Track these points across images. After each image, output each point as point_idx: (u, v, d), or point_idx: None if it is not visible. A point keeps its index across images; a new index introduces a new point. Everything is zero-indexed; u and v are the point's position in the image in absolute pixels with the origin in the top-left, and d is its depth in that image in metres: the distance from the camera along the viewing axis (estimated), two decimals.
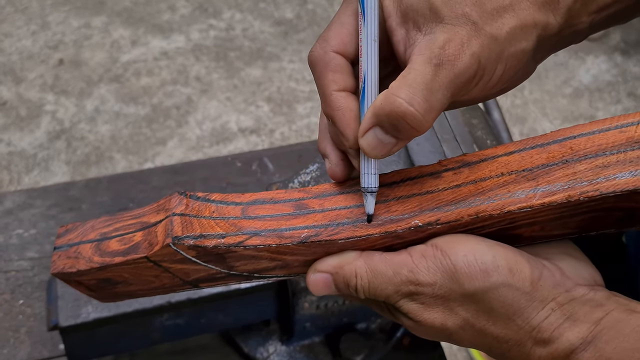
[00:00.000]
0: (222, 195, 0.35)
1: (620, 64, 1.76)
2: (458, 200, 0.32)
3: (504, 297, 0.30)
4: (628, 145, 0.31)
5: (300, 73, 1.74)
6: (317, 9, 1.90)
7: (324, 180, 0.53)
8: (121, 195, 0.71)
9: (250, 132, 1.62)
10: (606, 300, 0.30)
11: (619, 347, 0.28)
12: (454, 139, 0.50)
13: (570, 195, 0.30)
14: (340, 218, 0.34)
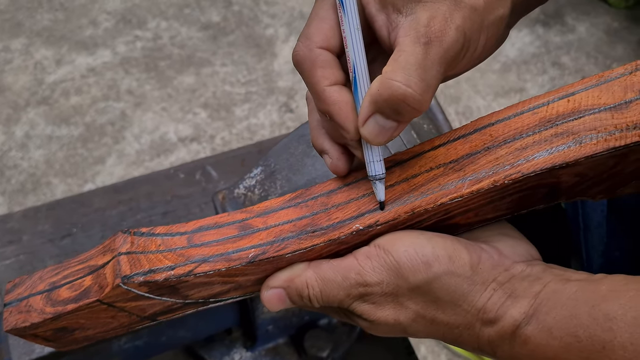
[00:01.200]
0: (166, 228, 0.35)
1: (542, 35, 1.82)
2: (393, 200, 0.33)
3: (448, 285, 0.31)
4: (541, 125, 0.32)
5: (234, 76, 1.73)
6: (243, 10, 1.89)
7: (268, 183, 0.53)
8: (63, 222, 0.69)
9: (190, 141, 1.60)
10: (542, 273, 0.31)
11: (558, 315, 0.29)
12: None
13: (496, 180, 0.32)
14: (285, 233, 0.34)
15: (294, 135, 0.54)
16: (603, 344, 0.27)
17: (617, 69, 0.33)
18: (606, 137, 0.31)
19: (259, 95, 1.69)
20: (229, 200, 0.54)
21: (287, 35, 1.83)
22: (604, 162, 0.32)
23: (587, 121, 0.32)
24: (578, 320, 0.28)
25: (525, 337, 0.30)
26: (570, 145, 0.31)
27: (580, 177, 0.33)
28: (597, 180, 0.34)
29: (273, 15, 1.88)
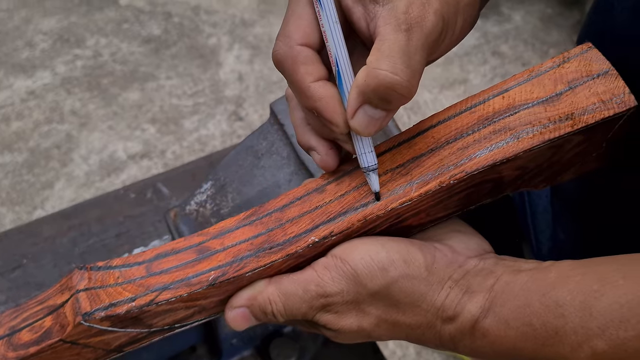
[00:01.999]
0: (123, 259, 0.35)
1: (481, 26, 1.86)
2: (345, 209, 0.33)
3: (405, 287, 0.31)
4: (480, 123, 0.33)
5: (180, 88, 1.71)
6: (183, 21, 1.87)
7: (219, 197, 0.53)
8: (12, 253, 0.67)
9: (140, 157, 1.58)
10: (495, 266, 0.32)
11: (513, 306, 0.30)
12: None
13: (442, 181, 0.32)
14: (242, 252, 0.34)
15: (242, 147, 0.54)
16: (556, 329, 0.28)
17: (546, 63, 0.34)
18: (541, 130, 0.32)
19: (207, 106, 1.68)
20: (181, 217, 0.54)
21: (230, 44, 1.82)
22: (542, 154, 0.33)
23: (523, 116, 0.33)
24: (531, 309, 0.29)
25: (484, 330, 0.30)
26: (508, 141, 0.32)
27: (522, 169, 0.34)
28: (538, 171, 0.35)
29: (214, 24, 1.86)
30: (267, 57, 1.78)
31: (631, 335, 0.25)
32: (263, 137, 0.53)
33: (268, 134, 0.53)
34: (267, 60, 1.78)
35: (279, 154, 0.52)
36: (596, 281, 0.28)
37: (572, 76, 0.33)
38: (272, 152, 0.52)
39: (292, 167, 0.51)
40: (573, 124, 0.32)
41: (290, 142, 0.51)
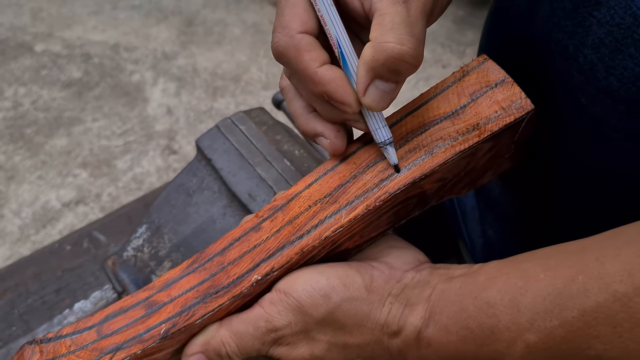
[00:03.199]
0: (72, 327, 0.35)
1: None
2: (282, 244, 0.35)
3: (348, 310, 0.33)
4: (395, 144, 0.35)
5: (108, 129, 1.68)
6: (104, 61, 1.84)
7: (156, 240, 0.52)
8: None
9: (75, 204, 1.54)
10: (430, 276, 0.33)
11: (450, 312, 0.31)
12: (265, 160, 0.52)
13: (368, 204, 0.34)
14: (190, 300, 0.34)
15: (172, 186, 0.54)
16: (491, 329, 0.29)
17: (448, 78, 0.36)
18: (452, 143, 0.34)
19: (138, 144, 1.65)
20: (120, 265, 0.53)
21: (154, 78, 1.80)
22: (457, 164, 0.35)
23: (433, 132, 0.34)
24: (467, 313, 0.30)
25: (428, 340, 0.32)
26: (424, 158, 0.34)
27: (442, 181, 0.36)
28: (457, 180, 0.37)
29: (136, 60, 1.85)
30: (193, 88, 1.78)
31: (556, 324, 0.27)
32: (192, 174, 0.53)
33: (197, 170, 0.53)
34: (193, 90, 1.77)
35: (210, 189, 0.52)
36: (520, 278, 0.29)
37: (473, 88, 0.35)
38: (203, 188, 0.53)
39: (225, 200, 0.51)
40: (480, 134, 0.33)
41: (220, 176, 0.52)
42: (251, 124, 0.54)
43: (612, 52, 0.28)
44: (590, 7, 0.29)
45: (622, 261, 0.26)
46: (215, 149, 0.53)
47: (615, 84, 0.29)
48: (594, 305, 0.26)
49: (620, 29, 0.28)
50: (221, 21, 1.95)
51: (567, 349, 0.27)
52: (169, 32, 1.92)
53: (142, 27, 1.93)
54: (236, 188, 0.51)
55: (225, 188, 0.51)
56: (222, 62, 1.84)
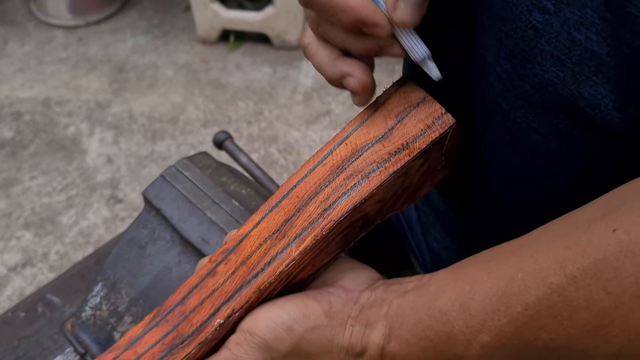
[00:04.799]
0: None
1: None
2: (239, 285, 0.35)
3: (312, 339, 0.34)
4: (333, 173, 0.36)
5: (48, 185, 1.64)
6: (36, 117, 1.81)
7: (114, 296, 0.52)
8: None
9: (22, 267, 1.49)
10: (384, 293, 0.35)
11: (408, 325, 0.32)
12: (213, 202, 0.53)
13: (315, 234, 0.35)
14: (157, 355, 0.35)
15: (124, 241, 0.54)
16: (447, 335, 0.31)
17: (370, 105, 0.38)
18: (385, 165, 0.35)
19: (81, 197, 1.63)
20: (79, 326, 0.53)
21: (90, 129, 1.78)
22: (394, 184, 0.36)
23: (367, 157, 0.36)
24: (423, 324, 0.32)
25: (391, 355, 0.33)
26: (361, 183, 0.35)
27: (382, 202, 0.37)
28: (396, 197, 0.38)
29: (69, 113, 1.82)
30: (131, 134, 1.77)
31: (504, 322, 0.29)
32: (143, 226, 0.54)
33: (147, 222, 0.54)
34: (132, 136, 1.76)
35: (162, 238, 0.53)
36: (467, 283, 0.31)
37: (397, 110, 0.37)
38: (155, 239, 0.53)
39: (178, 248, 0.52)
40: (410, 152, 0.35)
41: (171, 225, 0.52)
42: (196, 170, 0.55)
43: (522, 61, 0.31)
44: (500, 22, 0.31)
45: (553, 255, 0.28)
46: (162, 198, 0.53)
47: (530, 90, 0.31)
48: (535, 299, 0.27)
49: (524, 40, 0.30)
50: (152, 65, 1.95)
51: (518, 343, 0.29)
52: (99, 81, 1.91)
53: (72, 79, 1.91)
54: (188, 234, 0.51)
55: (177, 236, 0.52)
56: (157, 105, 1.84)
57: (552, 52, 0.30)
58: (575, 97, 0.30)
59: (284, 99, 1.85)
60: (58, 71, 1.93)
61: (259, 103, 1.84)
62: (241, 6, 2.00)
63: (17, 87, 1.89)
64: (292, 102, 1.84)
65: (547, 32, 0.29)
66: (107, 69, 1.94)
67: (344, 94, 1.86)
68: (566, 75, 0.30)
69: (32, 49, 2.00)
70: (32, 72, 1.93)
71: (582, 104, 0.30)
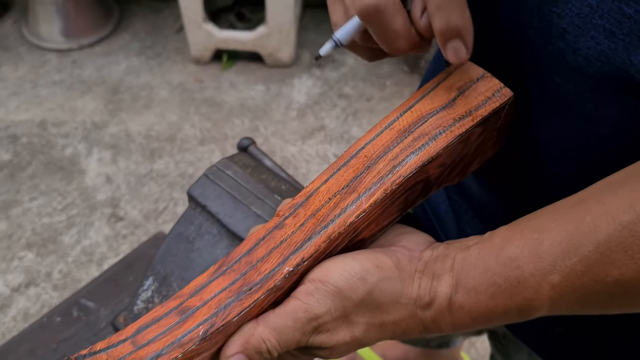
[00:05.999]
0: (105, 342, 0.36)
1: (321, 76, 2.01)
2: (309, 235, 0.37)
3: (384, 288, 0.36)
4: (400, 136, 0.39)
5: (48, 206, 1.65)
6: (32, 139, 1.82)
7: (165, 289, 0.55)
8: None
9: (26, 287, 1.49)
10: (446, 250, 0.37)
11: (475, 275, 0.35)
12: (257, 198, 0.56)
13: (385, 189, 0.37)
14: (224, 301, 0.36)
15: (171, 237, 0.57)
16: (517, 279, 0.33)
17: (434, 80, 0.41)
18: (451, 129, 0.39)
19: (82, 216, 1.64)
20: (132, 319, 0.55)
21: (88, 149, 1.79)
22: (455, 149, 0.39)
23: (432, 122, 0.39)
24: (492, 272, 0.34)
25: (459, 304, 0.35)
26: (428, 144, 0.38)
27: (442, 166, 0.40)
28: (454, 166, 0.41)
29: (66, 134, 1.83)
30: (129, 153, 1.79)
31: (575, 261, 0.31)
32: (189, 223, 0.57)
33: (193, 218, 0.57)
34: (130, 155, 1.78)
35: (209, 233, 0.56)
36: (534, 231, 0.33)
37: (459, 84, 0.40)
38: (203, 233, 0.56)
39: (226, 241, 0.55)
40: (473, 119, 0.39)
41: (218, 220, 0.55)
42: (237, 168, 0.58)
43: (576, 37, 0.35)
44: (550, 5, 0.35)
45: (620, 198, 0.30)
46: (207, 195, 0.56)
47: (583, 62, 0.35)
48: (605, 237, 0.30)
49: (579, 17, 0.34)
50: (147, 85, 1.98)
51: (587, 281, 0.31)
52: (95, 102, 1.93)
53: (67, 101, 1.93)
54: (235, 228, 0.54)
55: (224, 230, 0.55)
56: (154, 124, 1.86)
57: (604, 25, 0.33)
58: (626, 64, 0.33)
59: (278, 115, 1.89)
60: (53, 94, 1.95)
61: (254, 120, 1.87)
62: (232, 26, 2.04)
63: (12, 110, 1.90)
64: (286, 118, 1.88)
65: (600, 8, 0.33)
66: (102, 90, 1.96)
67: (337, 110, 1.90)
68: (617, 45, 0.33)
69: (25, 73, 2.01)
70: (27, 95, 1.95)
71: (632, 70, 0.33)
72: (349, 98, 1.94)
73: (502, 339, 0.63)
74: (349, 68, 2.03)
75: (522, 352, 0.58)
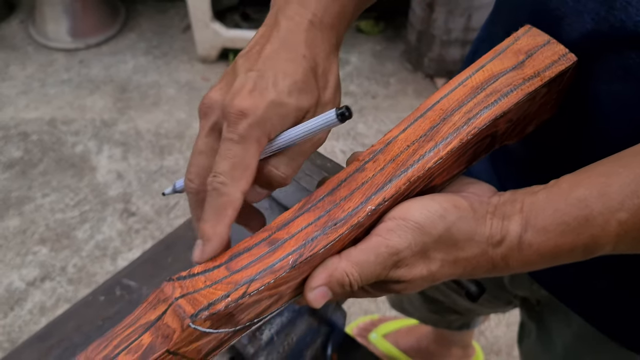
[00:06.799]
0: (202, 266, 0.38)
1: None
2: (389, 178, 0.40)
3: (461, 226, 0.38)
4: (473, 92, 0.42)
5: (60, 202, 1.67)
6: (43, 137, 1.84)
7: None
8: None
9: (41, 281, 1.51)
10: (513, 195, 0.39)
11: (544, 215, 0.37)
12: (305, 174, 0.59)
13: (461, 138, 0.40)
14: (311, 234, 0.38)
15: None
16: (585, 217, 0.35)
17: (504, 42, 0.44)
18: (521, 87, 0.42)
19: (94, 212, 1.66)
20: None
21: (98, 146, 1.82)
22: (523, 106, 0.42)
23: (503, 81, 0.42)
24: (561, 212, 0.36)
25: (529, 242, 0.37)
26: (500, 99, 0.41)
27: (509, 122, 0.43)
28: (517, 123, 0.44)
29: (76, 132, 1.86)
30: (139, 150, 1.81)
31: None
32: None
33: None
34: (140, 152, 1.80)
35: (261, 206, 0.59)
36: (602, 175, 0.36)
37: (527, 48, 0.43)
38: None
39: (278, 213, 0.58)
40: (541, 79, 0.42)
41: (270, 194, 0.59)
42: None
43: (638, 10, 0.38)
44: None
45: None
46: None
47: None
48: None
49: None
50: (155, 84, 2.01)
51: None
52: (104, 100, 1.95)
53: (76, 100, 1.95)
54: (286, 201, 0.58)
55: (275, 203, 0.58)
56: (163, 122, 1.89)
57: None
58: None
59: None
60: (61, 92, 1.97)
61: None
62: (237, 26, 2.08)
63: (21, 108, 1.92)
64: None
65: None
66: (110, 89, 1.99)
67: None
68: None
69: (34, 72, 2.04)
70: (36, 93, 1.97)
71: None
72: (355, 96, 1.98)
73: (535, 306, 0.66)
74: (353, 67, 2.07)
75: (557, 317, 0.61)
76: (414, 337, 1.34)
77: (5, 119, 1.89)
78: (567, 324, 0.60)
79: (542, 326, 0.66)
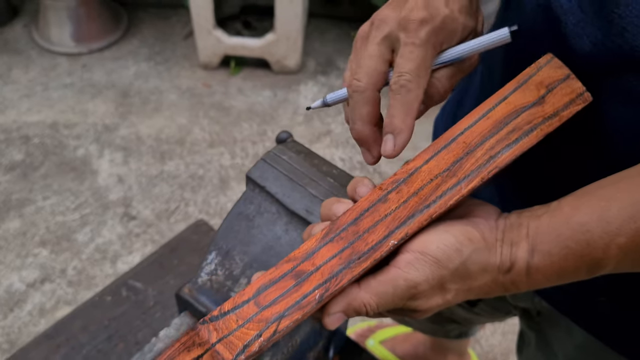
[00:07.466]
0: (231, 302, 0.39)
1: (326, 82, 2.07)
2: (412, 213, 0.41)
3: (475, 259, 0.40)
4: (496, 127, 0.43)
5: (61, 205, 1.69)
6: (45, 140, 1.85)
7: (228, 262, 0.60)
8: None
9: (41, 283, 1.52)
10: (519, 219, 0.41)
11: (549, 240, 0.39)
12: (311, 180, 0.61)
13: (483, 177, 0.41)
14: (335, 267, 0.39)
15: (232, 216, 0.62)
16: (587, 242, 0.37)
17: (524, 72, 0.44)
18: (541, 126, 0.42)
19: (95, 215, 1.67)
20: (197, 290, 0.60)
21: (100, 151, 1.83)
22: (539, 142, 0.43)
23: (525, 117, 0.42)
24: (564, 236, 0.38)
25: (536, 267, 0.39)
26: (522, 138, 0.42)
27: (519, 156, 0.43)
28: None
29: (78, 136, 1.87)
30: (140, 155, 1.83)
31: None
32: (249, 202, 0.62)
33: (252, 198, 0.62)
34: (141, 157, 1.82)
35: (269, 211, 0.61)
36: (601, 200, 0.38)
37: (548, 81, 0.43)
38: (262, 212, 0.61)
39: (285, 218, 0.60)
40: (560, 119, 0.42)
41: (277, 199, 0.60)
42: (291, 154, 0.63)
43: (634, 35, 0.39)
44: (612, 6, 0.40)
45: None
46: (266, 177, 0.61)
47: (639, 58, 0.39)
48: None
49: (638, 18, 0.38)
50: (156, 89, 2.03)
51: None
52: (105, 105, 1.97)
53: (78, 104, 1.97)
54: (294, 207, 0.59)
55: (282, 208, 0.60)
56: (164, 127, 1.91)
57: None
58: None
59: (285, 120, 1.94)
60: (64, 96, 1.99)
61: (262, 124, 1.92)
62: (239, 34, 2.10)
63: (23, 111, 1.94)
64: (293, 123, 1.94)
65: None
66: (112, 94, 2.01)
67: (343, 115, 1.96)
68: None
69: (36, 76, 2.05)
70: (38, 97, 1.98)
71: None
72: None
73: (535, 316, 0.67)
74: None
75: (558, 328, 0.62)
76: (410, 344, 1.36)
77: (7, 122, 1.90)
78: (569, 335, 0.62)
79: (542, 336, 0.68)
